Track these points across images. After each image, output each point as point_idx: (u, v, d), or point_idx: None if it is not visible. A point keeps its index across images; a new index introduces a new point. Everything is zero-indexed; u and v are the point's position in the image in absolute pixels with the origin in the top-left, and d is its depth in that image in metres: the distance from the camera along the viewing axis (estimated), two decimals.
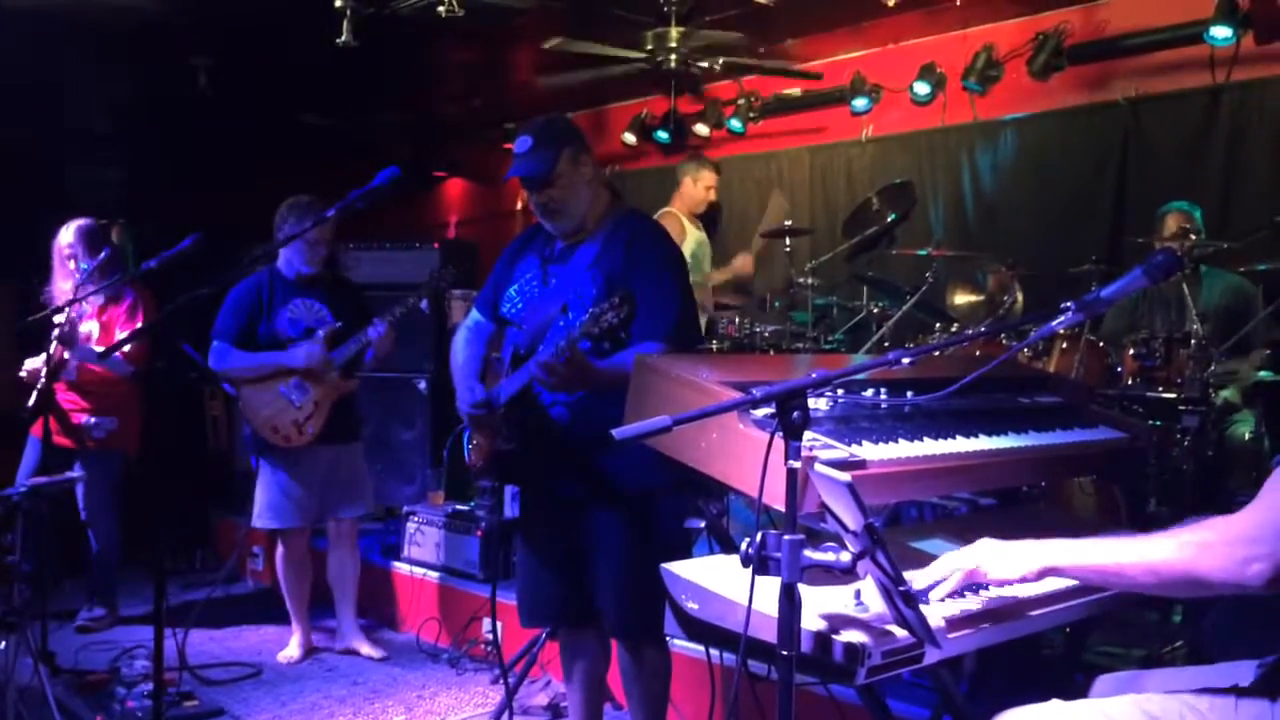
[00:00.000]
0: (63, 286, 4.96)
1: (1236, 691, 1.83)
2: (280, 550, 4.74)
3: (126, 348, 4.88)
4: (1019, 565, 1.91)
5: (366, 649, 4.82)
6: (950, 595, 2.01)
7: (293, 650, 4.77)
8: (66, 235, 5.01)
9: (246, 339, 4.51)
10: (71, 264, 4.94)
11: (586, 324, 2.72)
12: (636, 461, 2.81)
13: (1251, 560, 1.60)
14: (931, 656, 1.90)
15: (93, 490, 5.03)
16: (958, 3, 5.80)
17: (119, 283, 4.91)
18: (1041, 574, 1.90)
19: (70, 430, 4.95)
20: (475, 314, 3.36)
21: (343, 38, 5.34)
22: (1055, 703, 1.87)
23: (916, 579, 2.01)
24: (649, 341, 2.90)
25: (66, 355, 4.75)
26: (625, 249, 3.04)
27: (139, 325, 4.99)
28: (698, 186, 6.27)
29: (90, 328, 5.01)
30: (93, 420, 5.01)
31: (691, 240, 6.15)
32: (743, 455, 2.14)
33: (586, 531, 3.07)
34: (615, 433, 1.83)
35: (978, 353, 4.32)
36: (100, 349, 4.88)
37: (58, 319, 4.66)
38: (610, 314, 2.70)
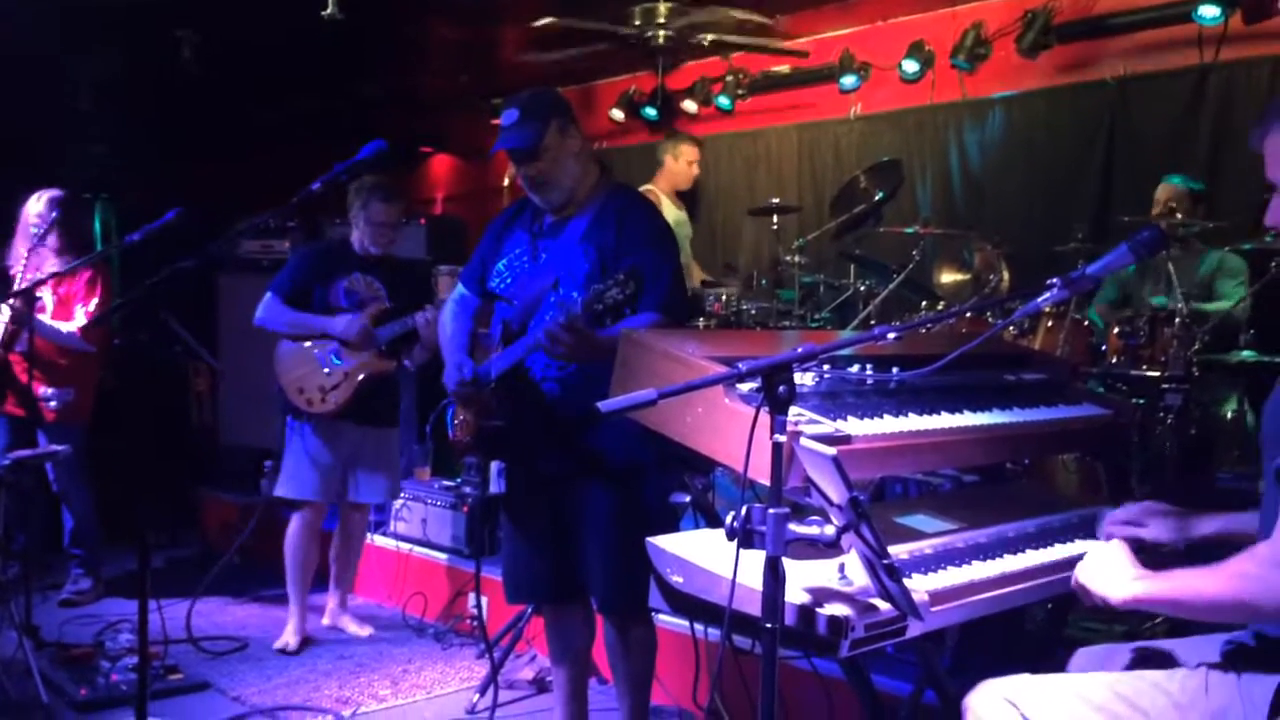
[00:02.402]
0: (20, 251, 4.95)
1: (1207, 666, 1.85)
2: (295, 524, 4.63)
3: (84, 321, 4.87)
4: (1120, 591, 1.89)
5: (354, 627, 4.82)
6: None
7: (289, 638, 4.61)
8: (37, 205, 4.98)
9: (300, 299, 4.49)
10: (33, 230, 4.91)
11: (590, 300, 2.70)
12: (624, 438, 2.81)
13: None
14: (914, 629, 1.91)
15: (60, 462, 5.00)
16: None
17: (92, 259, 4.88)
18: (1134, 604, 1.89)
19: (28, 402, 4.90)
20: (461, 288, 3.34)
21: (328, 10, 5.29)
22: (1029, 676, 1.89)
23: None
24: (646, 312, 2.90)
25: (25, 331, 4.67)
26: (617, 223, 3.02)
27: (97, 300, 4.98)
28: (680, 162, 6.25)
29: (44, 299, 4.95)
30: (50, 392, 4.97)
31: (670, 220, 6.11)
32: (728, 430, 2.14)
33: (573, 508, 3.08)
34: (601, 405, 1.83)
35: (964, 330, 4.33)
36: (61, 324, 4.86)
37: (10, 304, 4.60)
38: (615, 290, 2.68)
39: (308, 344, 4.49)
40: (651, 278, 2.90)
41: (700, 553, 2.10)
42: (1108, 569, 1.95)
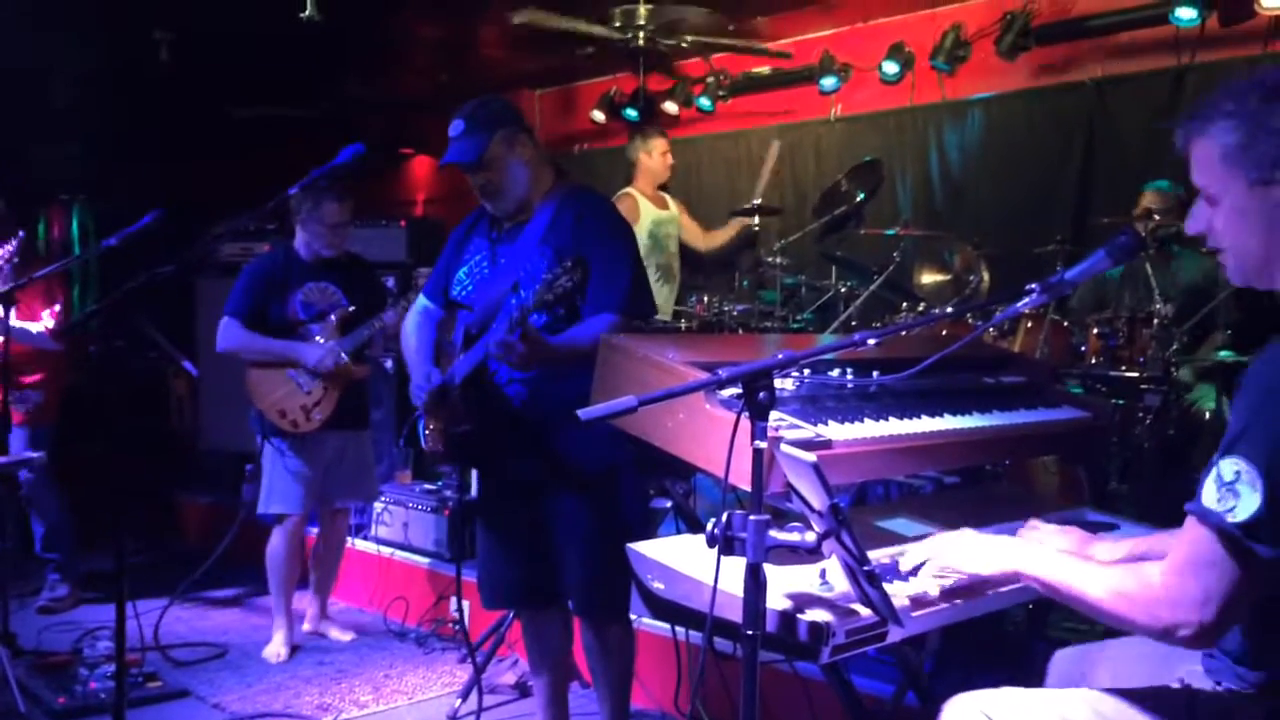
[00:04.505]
0: None
1: (1188, 697, 1.83)
2: (278, 536, 4.57)
3: (51, 324, 4.84)
4: (991, 563, 1.95)
5: (335, 632, 4.80)
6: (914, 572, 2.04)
7: (279, 647, 4.56)
8: None
9: (258, 319, 4.43)
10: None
11: (540, 291, 2.71)
12: (596, 439, 2.79)
13: (1176, 627, 1.64)
14: (895, 635, 1.91)
15: (34, 467, 4.94)
16: None
17: (50, 272, 4.83)
18: (1007, 577, 1.95)
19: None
20: (424, 300, 3.36)
21: (307, 12, 5.26)
22: (1008, 689, 1.87)
23: (903, 557, 2.07)
24: (603, 313, 2.92)
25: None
26: (574, 222, 3.04)
27: (59, 305, 4.96)
28: (654, 157, 6.21)
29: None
30: (17, 395, 4.88)
31: (648, 220, 6.12)
32: (709, 435, 2.14)
33: (547, 511, 3.07)
34: (581, 413, 1.83)
35: (944, 332, 4.35)
36: (27, 324, 4.83)
37: None
38: (564, 279, 2.70)
39: (278, 366, 4.42)
40: (609, 277, 2.93)
41: (681, 559, 2.09)
42: (978, 545, 1.99)
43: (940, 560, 2.03)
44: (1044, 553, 1.92)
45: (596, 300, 2.92)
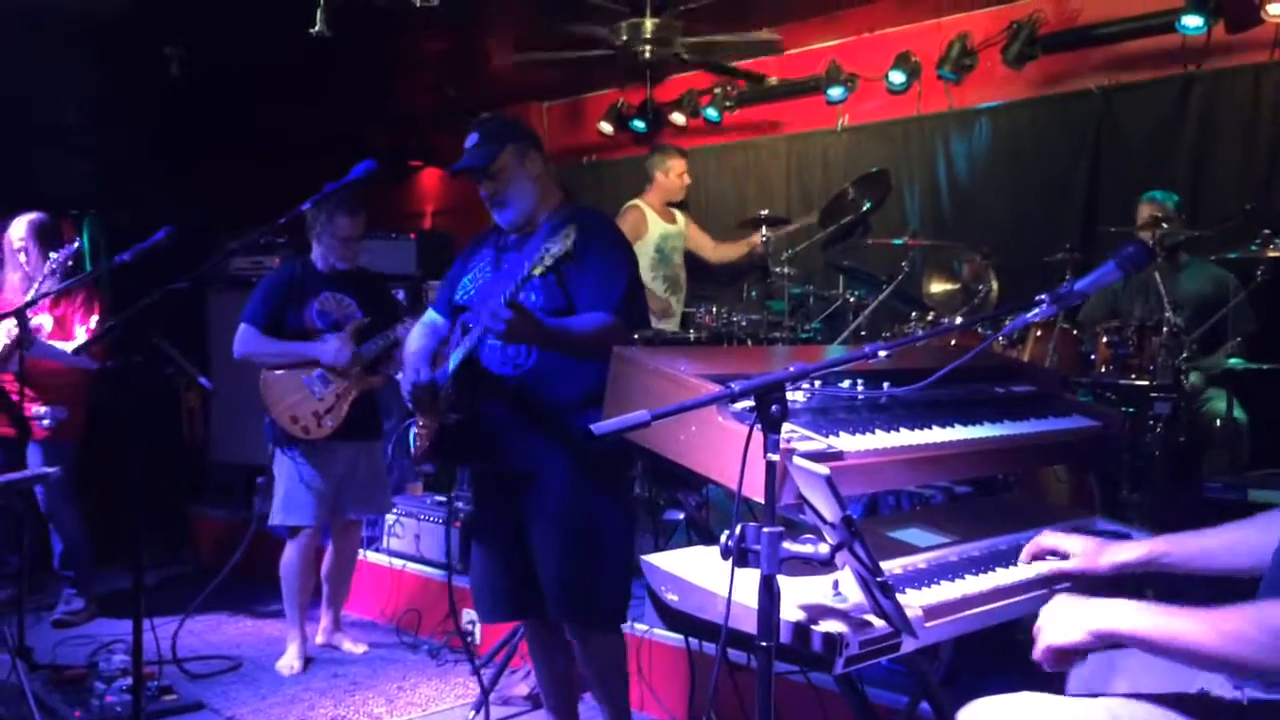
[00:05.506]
0: (11, 278, 4.97)
1: (1209, 704, 1.81)
2: (291, 550, 4.59)
3: (85, 339, 4.88)
4: (1073, 630, 1.79)
5: (349, 644, 4.81)
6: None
7: (293, 660, 4.57)
8: (18, 229, 5.00)
9: (274, 327, 4.47)
10: (22, 257, 4.92)
11: (538, 260, 2.74)
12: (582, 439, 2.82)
13: None
14: (909, 645, 1.92)
15: (49, 483, 4.96)
16: None
17: (84, 279, 4.87)
18: (1094, 637, 1.77)
19: (18, 421, 4.85)
20: (431, 314, 3.42)
21: (317, 27, 5.30)
22: (1025, 695, 1.86)
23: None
24: (597, 311, 2.98)
25: (21, 352, 4.63)
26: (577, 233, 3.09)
27: (96, 318, 4.99)
28: (670, 177, 6.29)
29: (42, 320, 4.93)
30: (43, 410, 4.94)
31: (655, 234, 6.17)
32: (722, 448, 2.15)
33: (530, 513, 3.08)
34: (594, 428, 1.85)
35: (953, 342, 4.35)
36: (59, 344, 4.86)
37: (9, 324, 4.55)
38: (557, 246, 2.74)
39: (293, 371, 4.46)
40: (605, 281, 3.00)
41: (694, 570, 2.11)
42: (1059, 613, 1.83)
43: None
44: (1135, 608, 1.77)
45: (592, 301, 2.99)
